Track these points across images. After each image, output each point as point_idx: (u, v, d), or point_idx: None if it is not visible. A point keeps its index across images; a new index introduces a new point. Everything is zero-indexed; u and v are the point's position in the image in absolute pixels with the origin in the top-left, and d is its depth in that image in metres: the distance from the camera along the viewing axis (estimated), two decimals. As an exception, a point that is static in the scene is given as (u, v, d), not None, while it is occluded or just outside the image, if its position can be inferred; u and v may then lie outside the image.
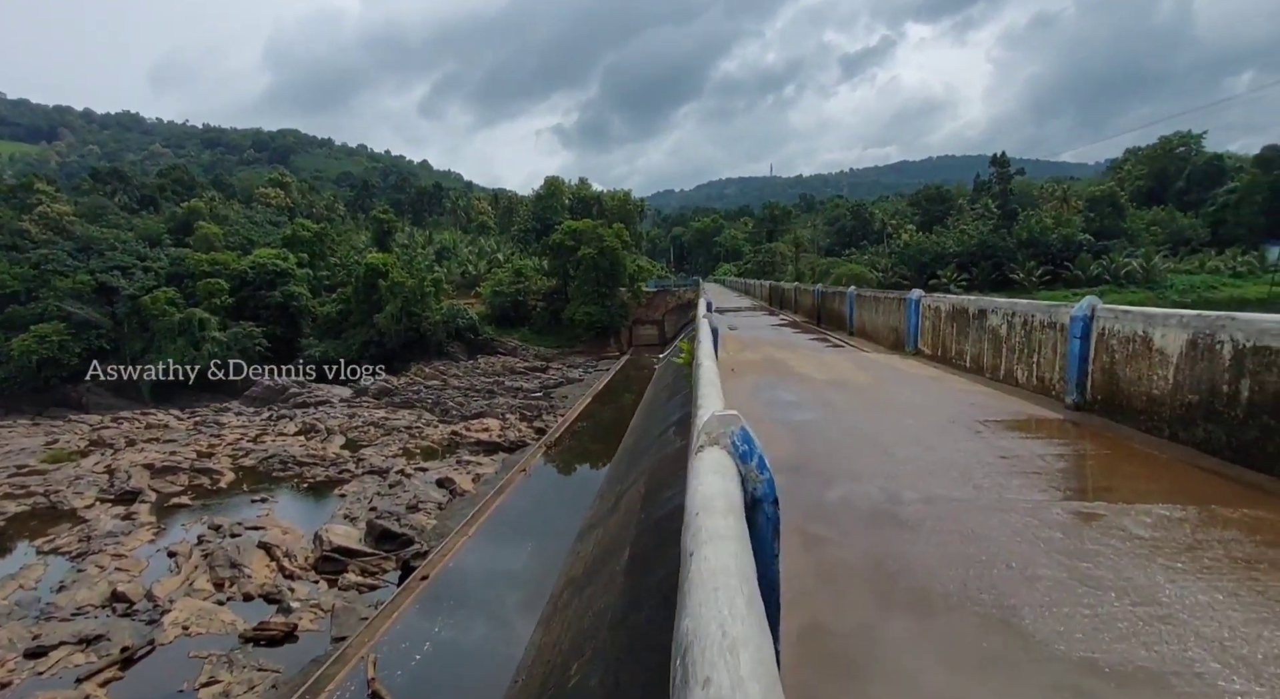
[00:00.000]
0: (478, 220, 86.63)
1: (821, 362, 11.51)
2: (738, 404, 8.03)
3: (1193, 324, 5.62)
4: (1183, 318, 5.76)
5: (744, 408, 7.74)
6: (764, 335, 17.74)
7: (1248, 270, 69.37)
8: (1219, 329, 5.36)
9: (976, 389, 8.58)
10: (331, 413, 44.50)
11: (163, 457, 33.90)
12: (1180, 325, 5.74)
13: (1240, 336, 5.14)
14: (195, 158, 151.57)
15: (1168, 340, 5.87)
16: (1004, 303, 8.82)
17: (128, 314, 54.15)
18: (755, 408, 7.71)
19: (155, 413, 48.39)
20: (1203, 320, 5.53)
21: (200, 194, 68.72)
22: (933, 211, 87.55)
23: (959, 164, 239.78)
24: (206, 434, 40.69)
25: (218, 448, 36.18)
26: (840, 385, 9.13)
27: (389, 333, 57.96)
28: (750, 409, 7.69)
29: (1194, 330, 5.59)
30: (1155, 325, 6.05)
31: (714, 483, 1.53)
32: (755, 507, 1.78)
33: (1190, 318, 5.67)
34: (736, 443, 1.78)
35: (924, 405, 7.66)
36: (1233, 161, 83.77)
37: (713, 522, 1.36)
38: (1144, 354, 6.15)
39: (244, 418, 45.90)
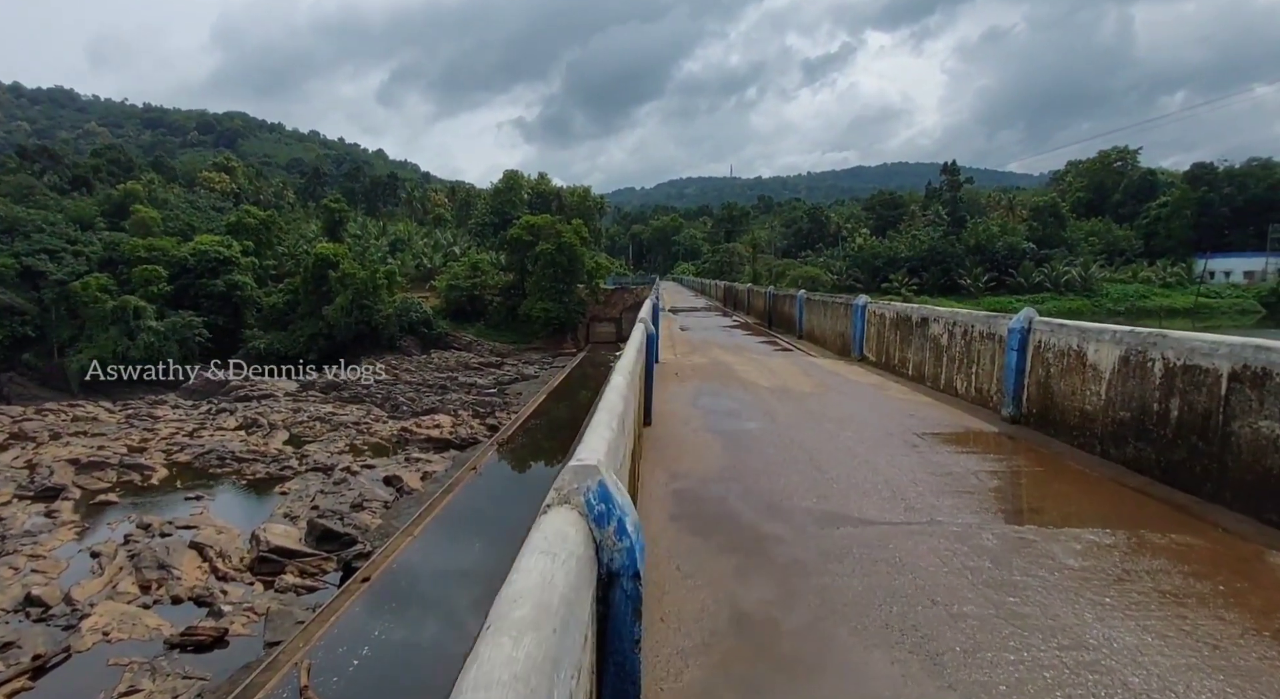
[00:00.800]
0: (434, 212, 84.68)
1: (768, 367, 11.34)
2: (677, 411, 7.75)
3: (1126, 340, 5.55)
4: (1116, 334, 5.69)
5: (682, 416, 7.48)
6: (714, 337, 17.56)
7: (1176, 281, 72.70)
8: (1150, 346, 5.29)
9: (917, 399, 8.48)
10: (275, 407, 42.94)
11: (90, 451, 32.19)
12: (1114, 341, 5.67)
13: (1171, 355, 5.07)
14: (134, 138, 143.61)
15: (1101, 356, 5.80)
16: (945, 312, 8.76)
17: (55, 300, 51.19)
18: (694, 417, 7.45)
19: (84, 405, 45.91)
20: (1135, 337, 5.46)
21: (138, 176, 65.34)
22: (886, 216, 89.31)
23: (912, 170, 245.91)
24: (139, 428, 38.78)
25: (150, 442, 34.48)
26: (783, 393, 8.93)
27: (339, 325, 56.22)
28: (689, 417, 7.43)
29: (1127, 347, 5.52)
30: (1089, 340, 5.99)
31: (532, 570, 1.11)
32: (612, 582, 1.44)
33: (1123, 334, 5.61)
34: (592, 502, 1.43)
35: (864, 417, 7.51)
36: (1165, 177, 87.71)
37: (502, 651, 0.95)
38: (1078, 369, 6.09)
39: (181, 411, 43.92)
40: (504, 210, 73.18)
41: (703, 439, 6.51)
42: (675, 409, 7.85)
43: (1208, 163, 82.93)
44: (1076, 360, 6.11)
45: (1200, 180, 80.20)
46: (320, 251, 58.62)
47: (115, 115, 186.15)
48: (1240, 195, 77.40)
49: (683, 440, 6.45)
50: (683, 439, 6.50)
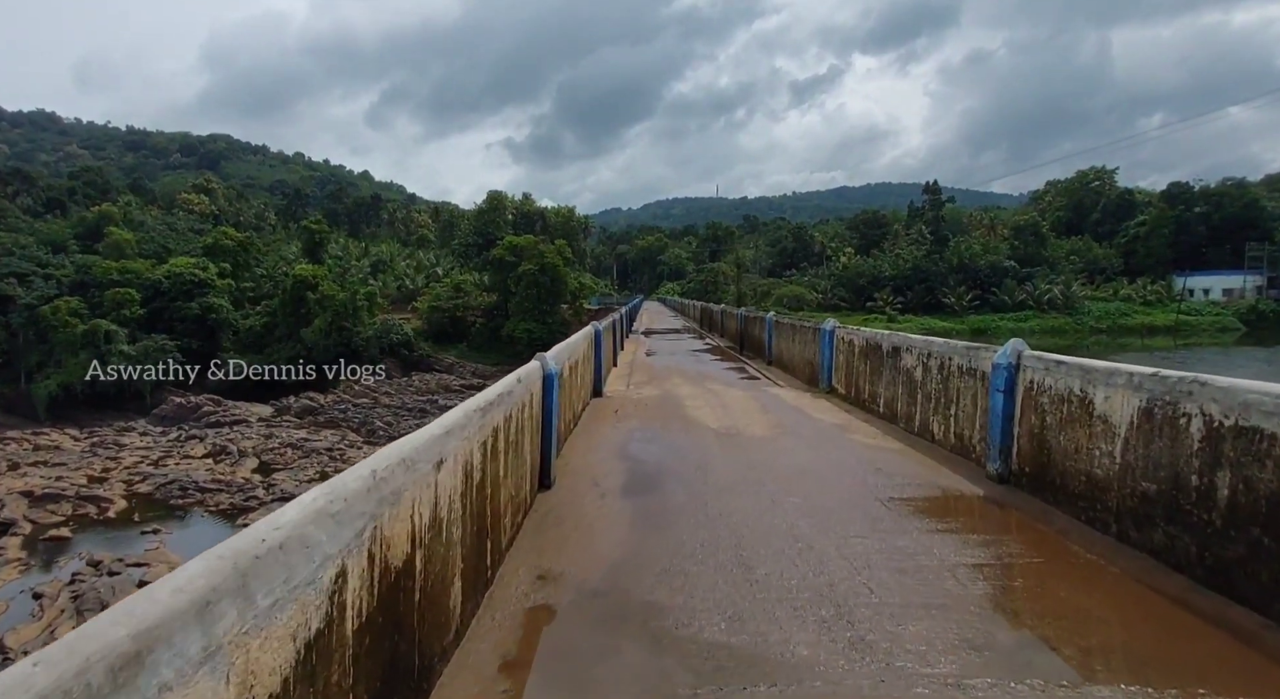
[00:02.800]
0: (418, 233, 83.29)
1: (724, 402, 9.88)
2: (595, 465, 6.26)
3: (1147, 386, 4.14)
4: (1133, 377, 4.28)
5: (598, 473, 6.00)
6: (679, 363, 16.11)
7: (1157, 299, 72.20)
8: (1183, 396, 3.88)
9: (886, 445, 7.03)
10: (246, 433, 41.25)
11: (46, 482, 30.40)
12: (1130, 387, 4.26)
13: (1215, 410, 3.65)
14: (116, 160, 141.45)
15: (1113, 405, 4.39)
16: (919, 341, 7.35)
17: (24, 325, 49.30)
18: (611, 475, 5.97)
19: (48, 433, 43.99)
20: (1161, 384, 4.04)
21: (115, 198, 63.77)
22: (870, 236, 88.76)
23: (896, 190, 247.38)
24: (102, 456, 36.97)
25: (112, 472, 32.71)
26: (732, 438, 7.47)
27: (317, 347, 54.55)
28: (606, 474, 5.95)
29: (1149, 396, 4.11)
30: (1096, 384, 4.57)
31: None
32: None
33: (1144, 378, 4.20)
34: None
35: (820, 472, 6.04)
36: (1142, 196, 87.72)
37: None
38: (1083, 420, 4.67)
39: (149, 438, 42.10)
40: (488, 231, 71.97)
41: (610, 510, 5.02)
42: (594, 462, 6.36)
43: (1184, 182, 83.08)
44: (1080, 409, 4.69)
45: (1177, 199, 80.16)
46: (299, 273, 57.10)
47: (97, 138, 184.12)
48: (1216, 214, 77.33)
49: (582, 513, 4.96)
50: (583, 511, 5.01)
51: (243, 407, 47.81)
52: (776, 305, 74.71)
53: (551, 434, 5.40)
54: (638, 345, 21.72)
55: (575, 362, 7.72)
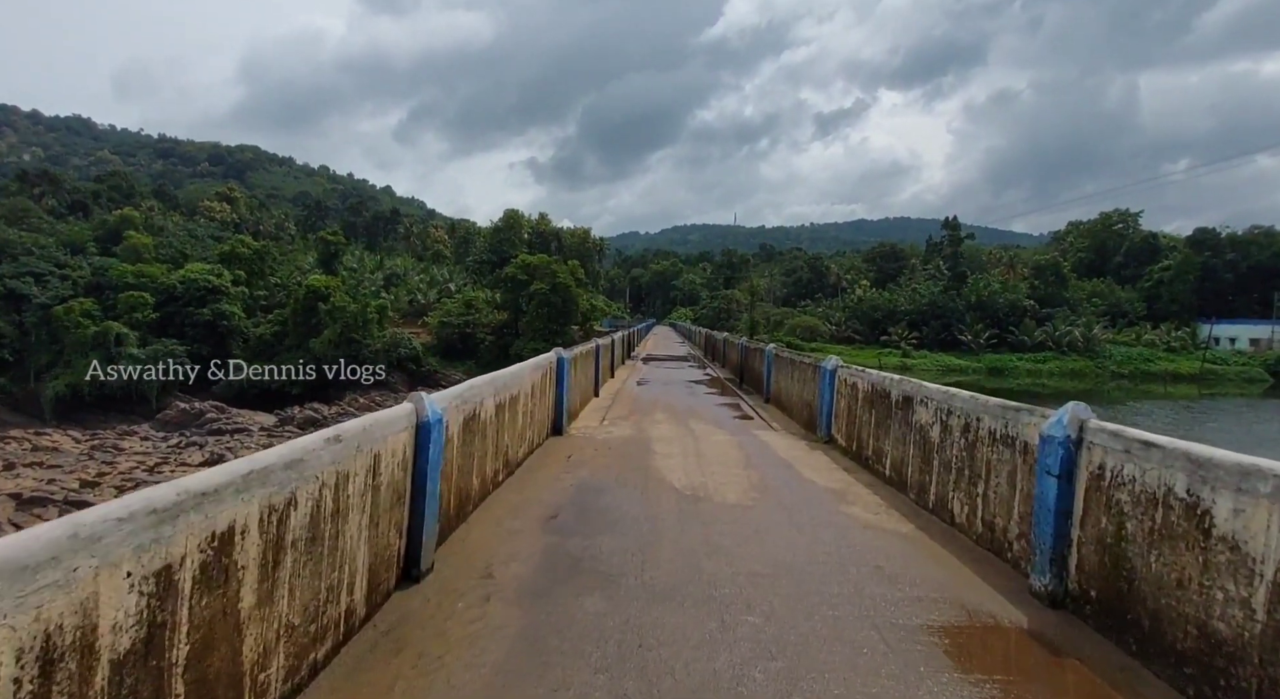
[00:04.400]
0: (433, 248, 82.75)
1: (701, 450, 8.25)
2: (510, 537, 4.68)
3: None
4: (1273, 471, 2.67)
5: (510, 550, 4.43)
6: (669, 396, 14.51)
7: (1180, 346, 69.31)
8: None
9: (892, 528, 5.36)
10: (246, 442, 40.25)
11: (37, 485, 29.41)
12: (1269, 477, 2.65)
13: None
14: (146, 167, 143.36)
15: (1250, 525, 2.75)
16: (937, 393, 5.70)
17: (36, 325, 48.89)
18: (525, 554, 4.37)
19: (50, 434, 43.23)
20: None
21: (138, 203, 63.87)
22: (887, 269, 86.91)
23: (915, 226, 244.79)
24: (99, 460, 36.08)
25: (106, 477, 31.67)
26: (696, 504, 5.85)
27: (325, 358, 53.66)
28: (518, 553, 4.35)
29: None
30: (1218, 486, 2.93)
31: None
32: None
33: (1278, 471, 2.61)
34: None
35: (802, 568, 4.40)
36: (1166, 241, 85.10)
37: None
38: (1191, 539, 3.03)
39: (149, 443, 41.23)
40: (503, 249, 71.16)
41: (483, 629, 3.41)
42: (503, 537, 4.76)
43: (1211, 228, 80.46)
44: (1187, 521, 3.06)
45: (1203, 245, 77.55)
46: (311, 283, 56.47)
47: (129, 145, 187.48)
48: (1244, 262, 74.59)
49: (441, 633, 3.37)
50: (444, 630, 3.41)
51: (246, 415, 46.95)
52: (789, 335, 72.87)
53: (426, 505, 3.83)
54: (633, 372, 20.16)
55: (509, 397, 6.17)
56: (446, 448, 4.20)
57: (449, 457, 4.27)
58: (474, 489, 5.05)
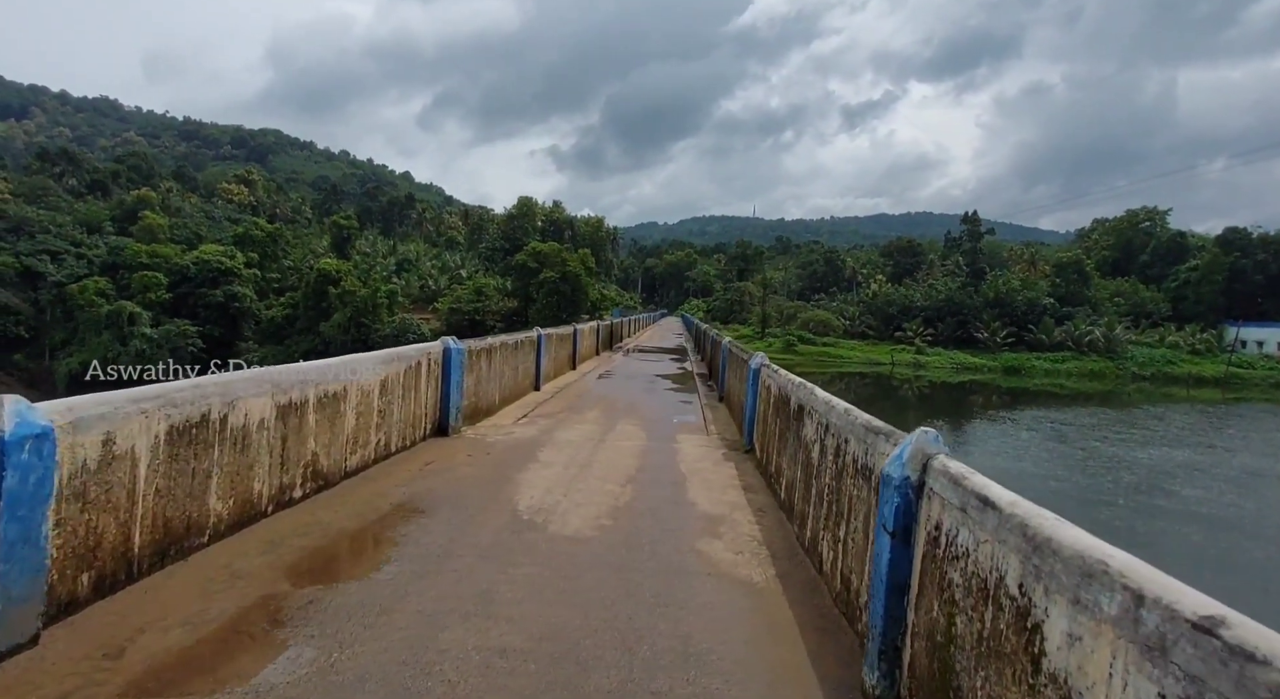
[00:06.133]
0: (447, 235, 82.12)
1: (595, 460, 7.12)
2: (206, 605, 3.54)
3: (1132, 585, 1.38)
4: (1124, 577, 1.51)
5: (186, 616, 3.04)
6: (618, 393, 13.38)
7: (1205, 348, 66.10)
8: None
9: (744, 575, 4.19)
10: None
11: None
12: (1118, 590, 1.48)
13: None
14: (169, 149, 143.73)
15: (1088, 660, 1.56)
16: (821, 403, 4.48)
17: (51, 302, 49.26)
18: (194, 630, 3.31)
19: (61, 407, 43.57)
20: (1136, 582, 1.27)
21: (157, 184, 64.10)
22: (904, 264, 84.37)
23: (937, 221, 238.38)
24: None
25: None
26: (521, 537, 4.73)
27: (334, 342, 53.42)
28: (191, 619, 3.28)
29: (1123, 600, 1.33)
30: (1048, 578, 1.71)
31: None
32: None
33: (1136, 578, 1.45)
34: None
35: (578, 639, 3.25)
36: (1195, 240, 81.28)
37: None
38: (1018, 661, 1.82)
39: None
40: (516, 236, 70.26)
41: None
42: (185, 605, 3.69)
43: (1241, 228, 76.47)
44: (1015, 634, 1.86)
45: (1233, 245, 73.79)
46: (323, 267, 56.21)
47: (154, 126, 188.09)
48: (1275, 263, 70.82)
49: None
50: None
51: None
52: (801, 330, 71.02)
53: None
54: (605, 363, 19.07)
55: (321, 395, 5.09)
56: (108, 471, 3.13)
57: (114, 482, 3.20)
58: (206, 518, 3.99)
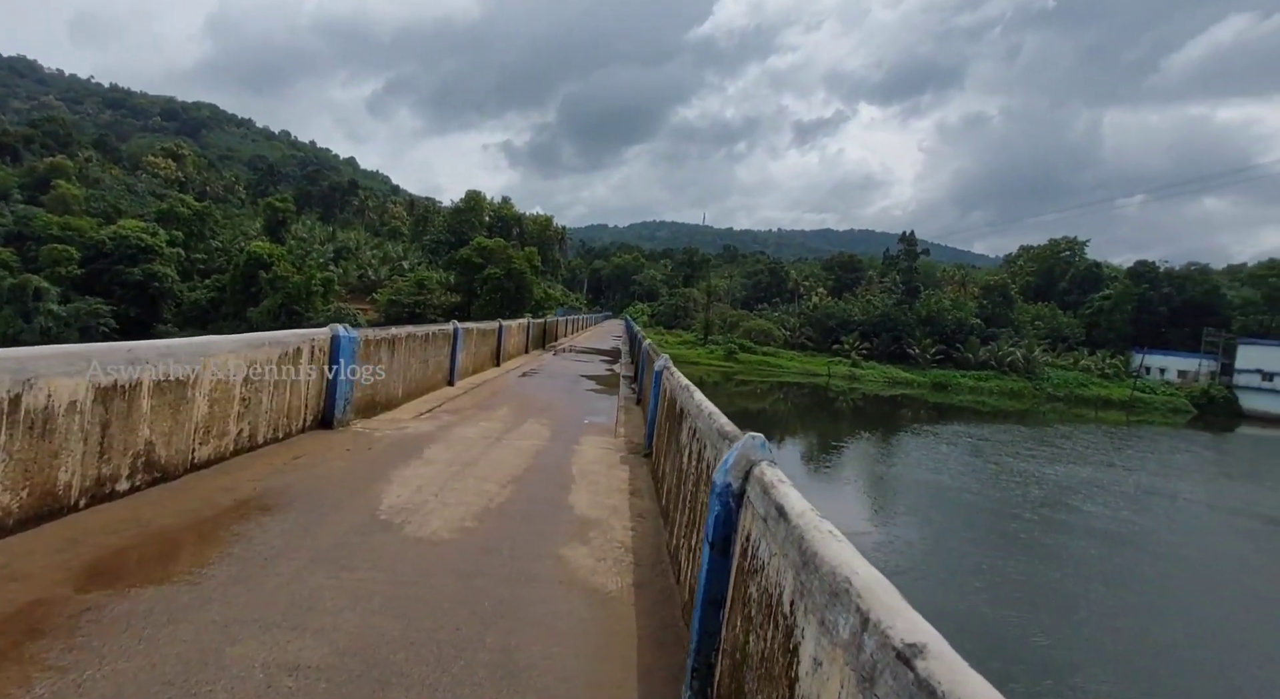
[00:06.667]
0: (390, 225, 79.58)
1: (483, 458, 6.79)
2: None
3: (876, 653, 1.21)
4: (859, 598, 1.34)
5: None
6: (536, 391, 13.05)
7: (1114, 373, 70.32)
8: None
9: (598, 583, 3.97)
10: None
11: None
12: (852, 611, 1.31)
13: None
14: (93, 117, 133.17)
15: (825, 687, 1.40)
16: (694, 406, 4.33)
17: (-56, 271, 45.26)
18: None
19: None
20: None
21: (75, 152, 59.79)
22: (845, 279, 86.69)
23: (878, 239, 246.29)
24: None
25: None
26: (372, 538, 4.38)
27: (263, 329, 50.87)
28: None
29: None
30: (810, 596, 1.49)
31: None
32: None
33: (868, 600, 1.29)
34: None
35: (392, 653, 2.94)
36: (1109, 271, 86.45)
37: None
38: (779, 688, 1.69)
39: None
40: (462, 230, 68.71)
41: None
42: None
43: (1150, 262, 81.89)
44: (783, 655, 1.69)
45: (1142, 277, 78.89)
46: (254, 250, 53.53)
47: (76, 92, 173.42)
48: (1179, 296, 76.03)
49: None
50: None
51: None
52: (742, 338, 71.97)
53: None
54: (534, 362, 18.66)
55: (159, 379, 4.61)
56: None
57: None
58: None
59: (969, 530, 19.86)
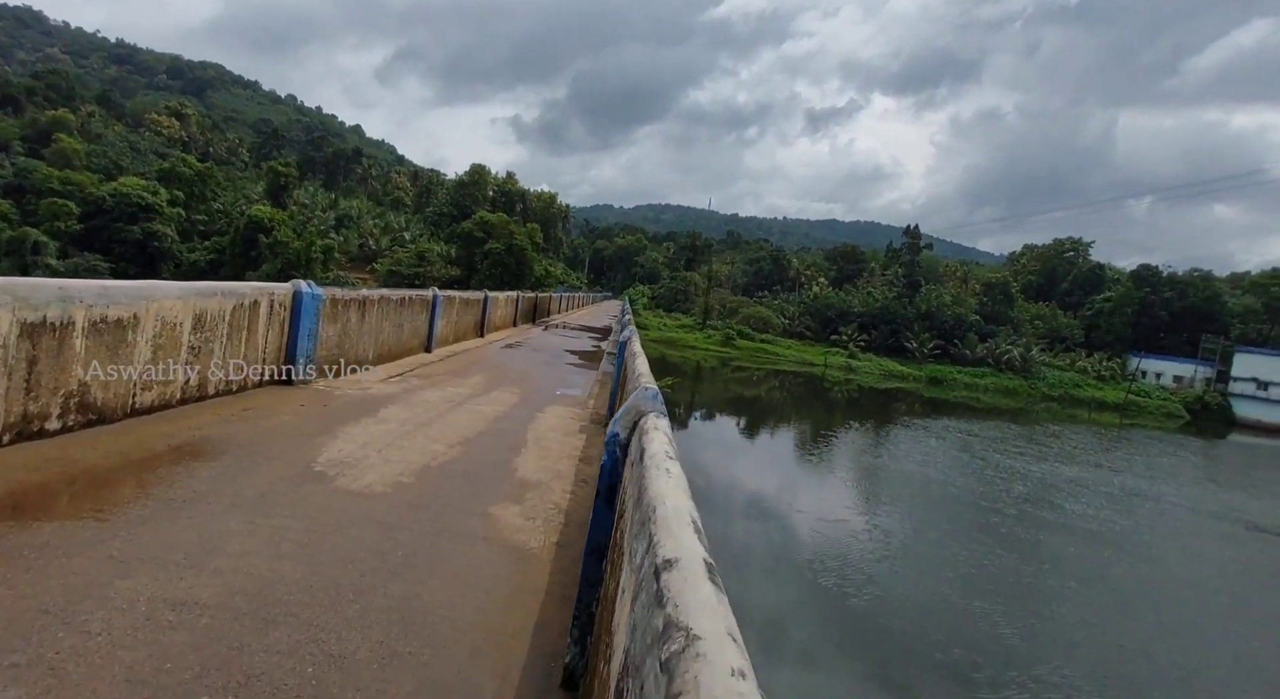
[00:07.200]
0: (393, 195, 78.94)
1: (441, 420, 6.73)
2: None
3: None
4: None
5: None
6: (515, 363, 12.99)
7: (1110, 375, 70.25)
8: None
9: (520, 542, 3.93)
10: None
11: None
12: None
13: None
14: (98, 72, 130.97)
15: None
16: (635, 370, 4.27)
17: (-58, 221, 45.08)
18: None
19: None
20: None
21: (78, 106, 59.19)
22: (846, 270, 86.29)
23: (883, 232, 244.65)
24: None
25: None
26: (301, 489, 4.33)
27: (260, 293, 50.88)
28: None
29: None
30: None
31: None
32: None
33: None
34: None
35: (289, 595, 2.93)
36: (1112, 273, 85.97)
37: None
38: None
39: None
40: (465, 203, 68.20)
41: None
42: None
43: (1153, 266, 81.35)
44: (618, 578, 1.67)
45: (1145, 281, 78.45)
46: (254, 214, 53.20)
47: (82, 45, 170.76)
48: (1179, 301, 75.66)
49: None
50: None
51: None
52: (741, 325, 71.81)
53: None
54: (520, 335, 18.60)
55: (94, 318, 4.52)
56: None
57: None
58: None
59: (949, 523, 19.91)
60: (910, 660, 11.37)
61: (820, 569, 14.10)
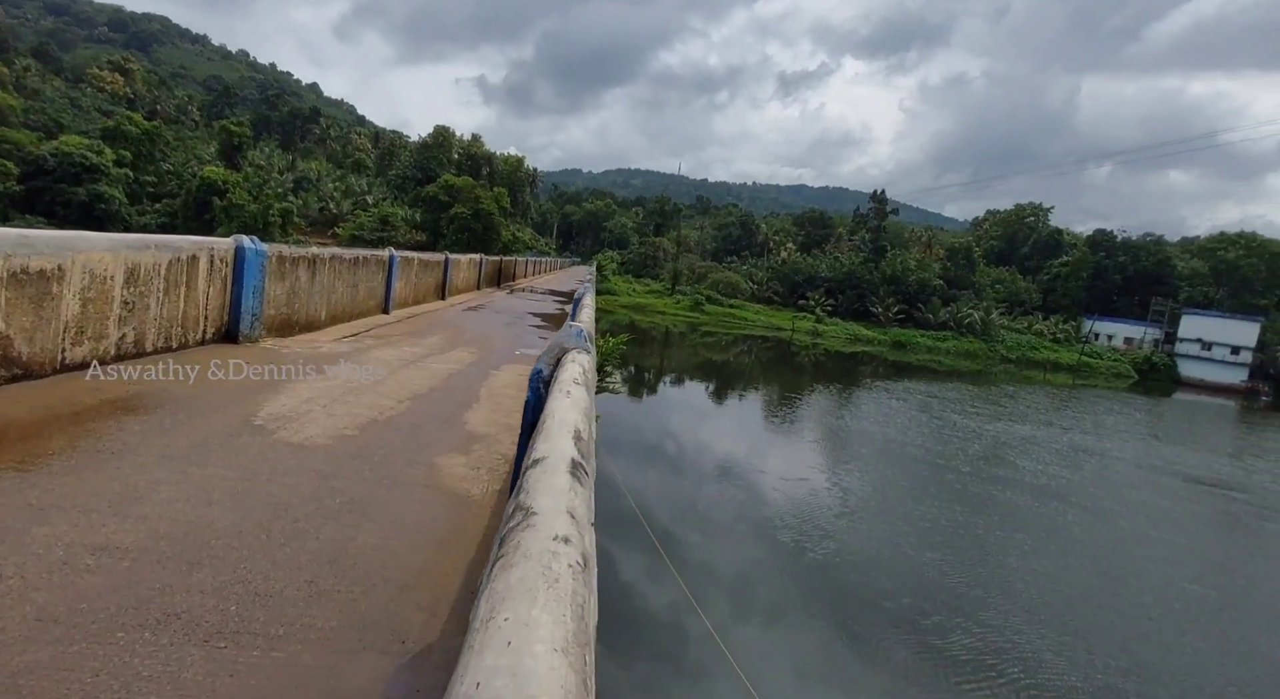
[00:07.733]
0: (354, 157, 76.31)
1: (390, 378, 6.64)
2: None
3: None
4: None
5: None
6: (475, 325, 12.83)
7: (1065, 338, 72.54)
8: None
9: (463, 490, 3.93)
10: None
11: None
12: None
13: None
14: (31, 23, 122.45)
15: None
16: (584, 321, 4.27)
17: None
18: None
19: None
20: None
21: (11, 60, 55.51)
22: (814, 235, 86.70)
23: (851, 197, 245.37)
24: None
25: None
26: (238, 440, 4.25)
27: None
28: None
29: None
30: None
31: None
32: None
33: None
34: None
35: (221, 537, 2.90)
36: (1070, 238, 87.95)
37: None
38: None
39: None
40: (429, 167, 66.31)
41: None
42: None
43: (1109, 231, 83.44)
44: None
45: (1100, 246, 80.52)
46: (207, 175, 51.01)
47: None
48: (1132, 265, 77.96)
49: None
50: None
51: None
52: (710, 289, 72.01)
53: None
54: (484, 298, 18.35)
55: (16, 268, 4.31)
56: None
57: None
58: None
59: (906, 481, 20.49)
60: (862, 610, 11.80)
61: (780, 526, 14.46)
